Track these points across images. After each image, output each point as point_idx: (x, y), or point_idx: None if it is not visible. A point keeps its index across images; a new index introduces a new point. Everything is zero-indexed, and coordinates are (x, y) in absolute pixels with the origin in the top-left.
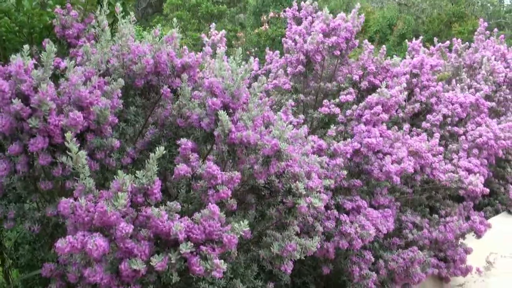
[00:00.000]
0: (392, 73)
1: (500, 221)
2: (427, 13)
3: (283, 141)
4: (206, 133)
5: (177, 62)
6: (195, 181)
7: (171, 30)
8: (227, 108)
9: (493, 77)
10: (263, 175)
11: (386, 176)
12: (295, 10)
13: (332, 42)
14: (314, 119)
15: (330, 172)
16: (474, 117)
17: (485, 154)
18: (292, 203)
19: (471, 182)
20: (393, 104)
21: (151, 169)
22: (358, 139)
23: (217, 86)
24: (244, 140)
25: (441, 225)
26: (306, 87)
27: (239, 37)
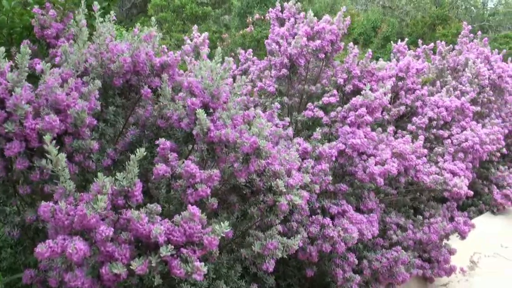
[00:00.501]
0: (378, 77)
1: (483, 221)
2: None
3: (262, 138)
4: (186, 133)
5: (156, 61)
6: (174, 180)
7: (149, 29)
8: (207, 107)
9: (478, 80)
10: (243, 173)
11: (370, 177)
12: (278, 11)
13: (316, 45)
14: (298, 121)
15: (316, 177)
16: (459, 121)
17: (470, 158)
18: (272, 201)
19: (455, 185)
20: (377, 106)
21: (131, 171)
22: (343, 140)
23: (196, 86)
24: (223, 138)
25: (425, 226)
26: (290, 90)
27: (224, 38)
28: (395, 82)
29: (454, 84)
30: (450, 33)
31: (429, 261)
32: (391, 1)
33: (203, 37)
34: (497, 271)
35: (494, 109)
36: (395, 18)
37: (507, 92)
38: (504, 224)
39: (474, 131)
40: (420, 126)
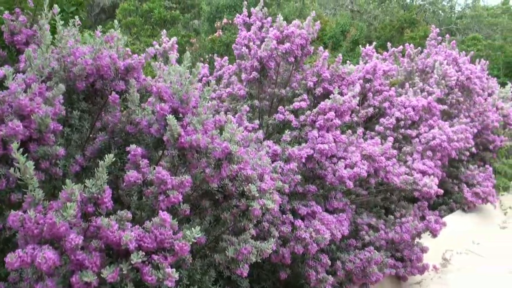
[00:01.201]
0: (348, 81)
1: (454, 219)
2: (380, 20)
3: (234, 143)
4: (156, 139)
5: (120, 65)
6: (146, 187)
7: (111, 30)
8: (176, 112)
9: (445, 81)
10: (215, 178)
11: (339, 180)
12: (245, 16)
13: (286, 48)
14: (269, 124)
15: (285, 176)
16: (427, 120)
17: (438, 155)
18: (245, 206)
19: (425, 184)
20: (346, 109)
21: (100, 178)
22: (311, 145)
23: (165, 91)
24: (194, 144)
25: (397, 226)
26: (261, 93)
27: (193, 43)
28: (362, 84)
29: (421, 85)
30: (418, 36)
31: (402, 260)
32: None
33: (172, 42)
34: (469, 267)
35: (463, 109)
36: (364, 22)
37: (476, 93)
38: (475, 222)
39: (442, 129)
40: (388, 127)
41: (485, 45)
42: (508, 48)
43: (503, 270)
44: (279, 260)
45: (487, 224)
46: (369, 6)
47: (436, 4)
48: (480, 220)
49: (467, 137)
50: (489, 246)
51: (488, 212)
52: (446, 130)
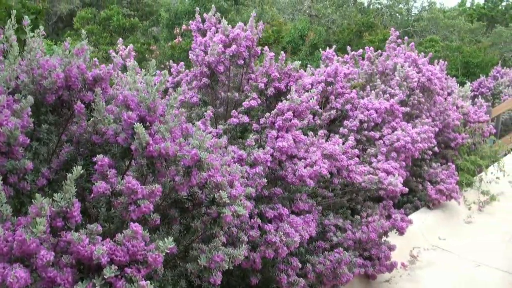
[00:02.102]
0: (295, 77)
1: (420, 216)
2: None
3: (203, 150)
4: (124, 149)
5: (88, 75)
6: (115, 198)
7: (81, 43)
8: (143, 121)
9: (407, 83)
10: (185, 186)
11: (300, 179)
12: (198, 23)
13: (232, 51)
14: (226, 130)
15: (251, 181)
16: (390, 122)
17: (402, 157)
18: (216, 213)
19: (390, 183)
20: (304, 109)
21: (69, 191)
22: (271, 145)
23: (132, 100)
24: (163, 152)
25: (363, 226)
26: (215, 99)
27: (153, 50)
28: (324, 87)
29: (383, 87)
30: (377, 39)
31: (370, 259)
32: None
33: (128, 50)
34: (437, 262)
35: (424, 110)
36: (322, 26)
37: (436, 93)
38: (441, 218)
39: (405, 131)
40: (351, 129)
41: (443, 46)
42: (465, 48)
43: (470, 263)
44: (250, 266)
45: (452, 220)
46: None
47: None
48: (445, 216)
49: (430, 136)
50: (456, 241)
51: (452, 208)
52: (410, 131)
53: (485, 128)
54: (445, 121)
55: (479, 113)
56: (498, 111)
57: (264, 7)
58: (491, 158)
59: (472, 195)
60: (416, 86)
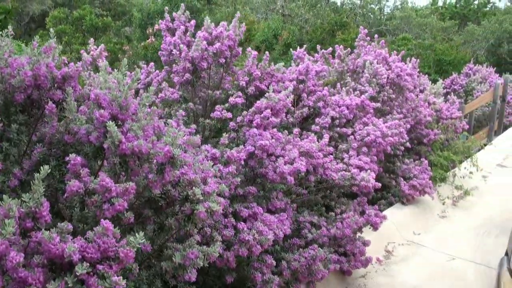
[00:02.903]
0: (277, 78)
1: (394, 212)
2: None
3: (176, 147)
4: (96, 148)
5: (57, 74)
6: (88, 197)
7: (49, 41)
8: (116, 119)
9: (377, 79)
10: (158, 184)
11: (280, 176)
12: (168, 22)
13: (216, 48)
14: (205, 127)
15: (224, 180)
16: (361, 118)
17: (374, 151)
18: (190, 210)
19: (363, 179)
20: (281, 107)
21: (37, 191)
22: (252, 143)
23: (103, 98)
24: (136, 150)
25: (338, 222)
26: (195, 96)
27: (126, 50)
28: (296, 85)
29: (353, 85)
30: (349, 38)
31: (345, 255)
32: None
33: (99, 50)
34: (412, 257)
35: (395, 106)
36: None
37: (407, 89)
38: (415, 213)
39: (376, 126)
40: (323, 126)
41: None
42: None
43: (444, 257)
44: (224, 264)
45: (426, 215)
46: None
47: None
48: (419, 211)
49: (401, 132)
50: (430, 236)
51: (426, 203)
52: (380, 126)
53: (457, 124)
54: (417, 118)
55: (452, 110)
56: (471, 107)
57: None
58: (464, 153)
59: (446, 190)
60: (385, 82)
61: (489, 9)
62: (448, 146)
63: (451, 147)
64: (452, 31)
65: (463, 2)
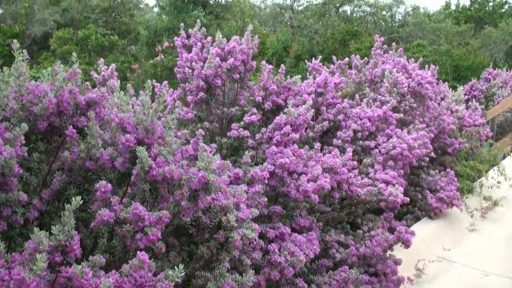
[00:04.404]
0: (294, 91)
1: (422, 227)
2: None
3: (210, 172)
4: (121, 174)
5: (81, 99)
6: (119, 226)
7: (73, 66)
8: (141, 144)
9: (397, 89)
10: (191, 211)
11: (304, 195)
12: (184, 38)
13: (230, 64)
14: (223, 146)
15: (250, 200)
16: (384, 130)
17: (400, 164)
18: (224, 238)
19: (391, 193)
20: (302, 123)
21: (68, 223)
22: (271, 161)
23: (128, 122)
24: (168, 175)
25: (367, 240)
26: (210, 115)
27: (134, 69)
28: (314, 99)
29: (373, 95)
30: (363, 47)
31: (376, 275)
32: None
33: (111, 69)
34: (443, 274)
35: (417, 115)
36: (305, 37)
37: (428, 98)
38: (443, 227)
39: (401, 138)
40: (346, 140)
41: (431, 51)
42: (454, 52)
43: (477, 273)
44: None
45: (455, 229)
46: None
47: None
48: (447, 225)
49: (425, 142)
50: (460, 251)
51: (454, 216)
52: (405, 138)
53: (481, 131)
54: (440, 126)
55: (474, 117)
56: (493, 113)
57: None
58: (490, 162)
59: (474, 202)
60: (406, 91)
61: (506, 10)
62: (473, 155)
63: (476, 156)
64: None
65: (477, 4)
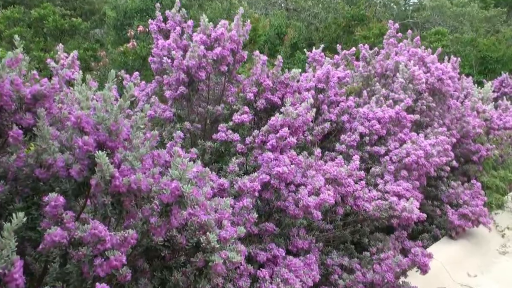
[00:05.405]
0: (293, 88)
1: (442, 248)
2: (321, 18)
3: (185, 182)
4: (78, 184)
5: (26, 92)
6: (74, 248)
7: (15, 51)
8: (103, 148)
9: (413, 85)
10: (163, 230)
11: (304, 211)
12: (160, 22)
13: (217, 54)
14: (206, 151)
15: (237, 216)
16: (396, 134)
17: (415, 175)
18: (203, 262)
19: (404, 209)
20: (301, 124)
21: (7, 246)
22: (266, 170)
23: (86, 121)
24: (134, 186)
25: (375, 264)
26: (191, 113)
27: (101, 57)
28: (314, 95)
29: (384, 92)
30: (372, 35)
31: None
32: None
33: (71, 57)
34: None
35: (436, 117)
36: (302, 22)
37: (450, 96)
38: (468, 249)
39: (416, 143)
40: (351, 145)
41: (452, 40)
42: (481, 41)
43: None
44: None
45: (482, 251)
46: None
47: None
48: (473, 247)
49: (446, 149)
50: (490, 278)
51: (481, 236)
52: (422, 143)
53: None
54: (463, 130)
55: (505, 118)
56: None
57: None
58: None
59: (504, 219)
60: (424, 88)
61: None
62: (503, 163)
63: (507, 165)
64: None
65: None
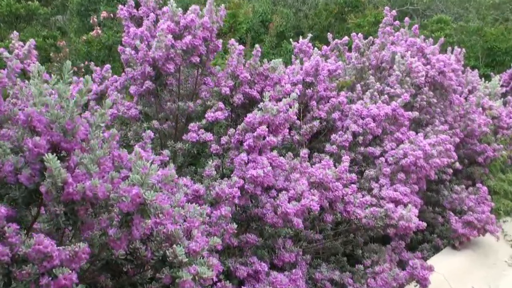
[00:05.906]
0: (274, 80)
1: (443, 259)
2: (311, 4)
3: (147, 188)
4: (28, 191)
5: None
6: (18, 267)
7: None
8: (57, 150)
9: (411, 78)
10: (123, 242)
11: (284, 218)
12: (131, 8)
13: (187, 44)
14: (177, 153)
15: (214, 227)
16: (393, 133)
17: (414, 178)
18: (170, 278)
19: (402, 217)
20: (283, 122)
21: None
22: (239, 173)
23: (38, 119)
24: (89, 193)
25: (369, 278)
26: (160, 111)
27: (61, 47)
28: (302, 90)
29: (379, 86)
30: (366, 23)
31: None
32: None
33: (28, 46)
34: None
35: (437, 114)
36: (289, 8)
37: (452, 91)
38: (473, 261)
39: (415, 143)
40: (342, 145)
41: (456, 28)
42: (488, 30)
43: None
44: None
45: (489, 262)
46: None
47: None
48: (479, 258)
49: (448, 149)
50: None
51: (488, 246)
52: (421, 143)
53: None
54: (467, 128)
55: None
56: None
57: None
58: None
59: None
60: (423, 82)
61: None
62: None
63: None
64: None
65: None
